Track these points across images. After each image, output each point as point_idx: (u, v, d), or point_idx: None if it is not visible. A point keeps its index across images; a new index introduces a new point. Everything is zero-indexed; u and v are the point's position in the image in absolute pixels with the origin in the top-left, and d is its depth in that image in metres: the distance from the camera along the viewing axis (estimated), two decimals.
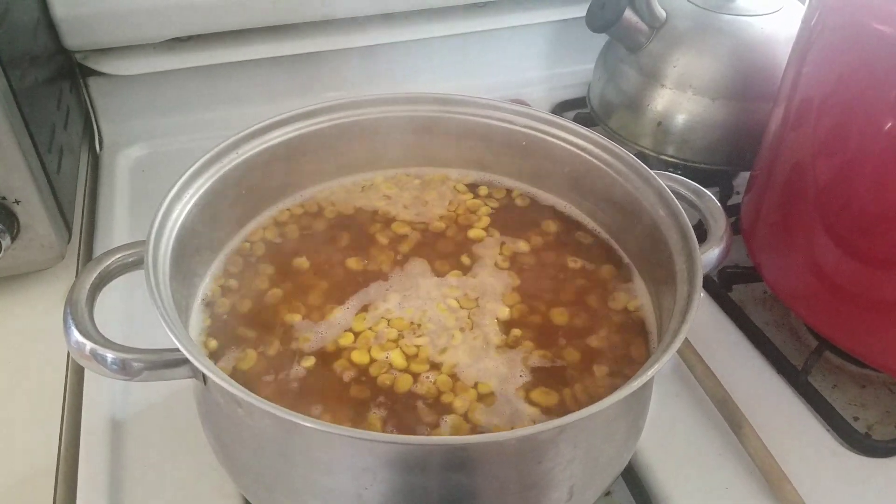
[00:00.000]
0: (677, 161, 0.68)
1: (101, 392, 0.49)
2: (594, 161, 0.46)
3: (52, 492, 0.45)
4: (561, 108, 0.80)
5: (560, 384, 0.39)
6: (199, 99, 0.75)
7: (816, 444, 0.49)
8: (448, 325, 0.42)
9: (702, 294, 0.36)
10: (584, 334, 0.42)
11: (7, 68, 0.49)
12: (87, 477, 0.44)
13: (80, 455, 0.46)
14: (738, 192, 0.70)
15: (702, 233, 0.41)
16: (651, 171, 0.43)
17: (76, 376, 0.51)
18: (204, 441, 0.41)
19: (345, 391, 0.38)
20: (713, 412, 0.50)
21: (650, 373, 0.31)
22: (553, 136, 0.48)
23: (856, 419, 0.52)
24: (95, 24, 0.66)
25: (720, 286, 0.60)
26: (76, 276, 0.54)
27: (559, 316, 0.43)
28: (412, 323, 0.42)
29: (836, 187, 0.48)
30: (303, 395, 0.38)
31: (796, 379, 0.53)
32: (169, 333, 0.32)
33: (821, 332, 0.53)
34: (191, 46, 0.72)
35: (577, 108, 0.79)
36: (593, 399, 0.38)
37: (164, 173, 0.67)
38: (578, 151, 0.47)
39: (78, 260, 0.61)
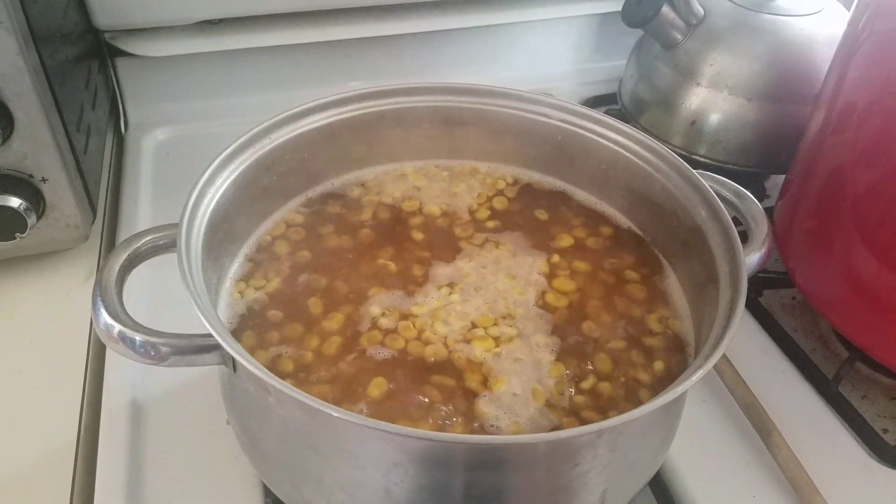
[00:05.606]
0: (709, 161, 0.67)
1: (122, 374, 0.49)
2: (632, 158, 0.45)
3: (71, 473, 0.44)
4: (590, 104, 0.79)
5: (595, 386, 0.38)
6: (226, 83, 0.74)
7: (846, 455, 0.48)
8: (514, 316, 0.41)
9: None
10: (618, 335, 0.41)
11: (39, 45, 0.49)
12: (106, 459, 0.44)
13: (100, 437, 0.45)
14: (769, 196, 0.69)
15: (740, 235, 0.40)
16: (693, 171, 0.42)
17: (97, 357, 0.51)
18: (225, 427, 0.40)
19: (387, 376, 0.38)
20: (741, 419, 0.49)
21: (695, 377, 0.30)
22: (590, 130, 0.47)
23: (885, 431, 0.51)
24: (125, 3, 0.66)
25: (750, 290, 0.59)
26: (105, 257, 0.54)
27: (592, 314, 0.42)
28: (432, 316, 0.41)
29: (877, 195, 0.47)
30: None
31: (826, 388, 0.52)
32: (202, 318, 0.32)
33: (855, 342, 0.52)
34: (220, 30, 0.71)
35: (606, 105, 0.78)
36: (628, 401, 0.37)
37: (188, 157, 0.67)
38: (616, 147, 0.46)
39: (101, 241, 0.60)
